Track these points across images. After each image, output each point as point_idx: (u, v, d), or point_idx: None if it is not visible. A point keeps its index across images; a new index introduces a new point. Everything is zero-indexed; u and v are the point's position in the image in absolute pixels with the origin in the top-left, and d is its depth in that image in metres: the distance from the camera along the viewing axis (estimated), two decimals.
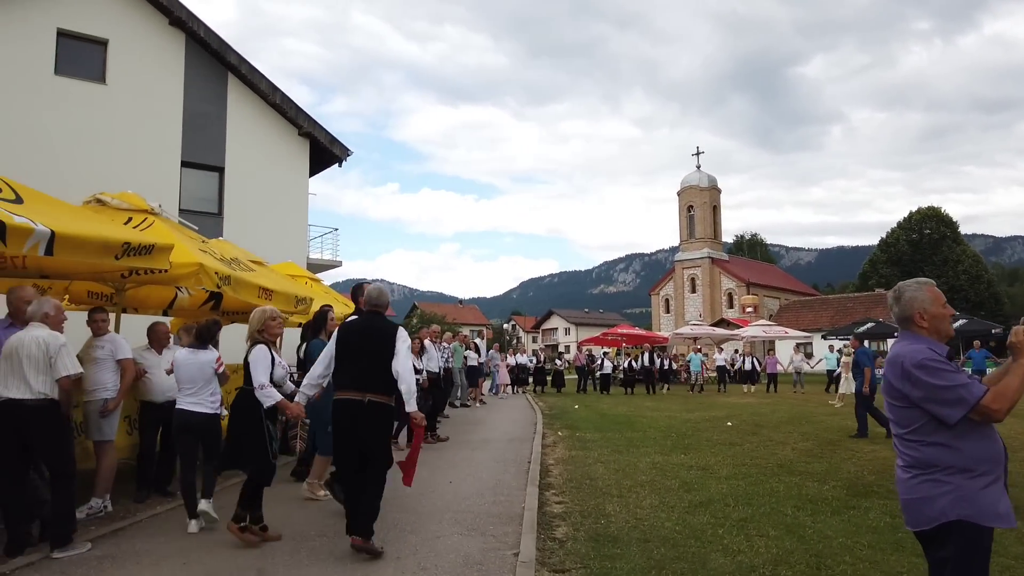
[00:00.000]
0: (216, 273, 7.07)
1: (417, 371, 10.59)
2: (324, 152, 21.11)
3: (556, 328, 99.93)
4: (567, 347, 72.93)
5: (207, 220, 18.13)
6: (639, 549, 5.14)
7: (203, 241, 8.55)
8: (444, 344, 15.06)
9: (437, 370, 11.42)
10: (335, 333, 5.30)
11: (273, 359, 5.23)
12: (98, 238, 5.54)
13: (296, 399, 5.29)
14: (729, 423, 13.80)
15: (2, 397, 4.55)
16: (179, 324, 11.19)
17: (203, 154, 19.19)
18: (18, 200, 5.31)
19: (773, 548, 5.18)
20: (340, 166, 21.68)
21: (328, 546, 5.16)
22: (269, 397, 5.09)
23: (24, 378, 4.53)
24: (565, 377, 28.85)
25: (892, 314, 3.07)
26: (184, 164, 18.88)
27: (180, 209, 18.28)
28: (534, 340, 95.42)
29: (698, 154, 64.33)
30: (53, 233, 4.76)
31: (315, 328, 7.47)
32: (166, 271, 6.61)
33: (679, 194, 64.49)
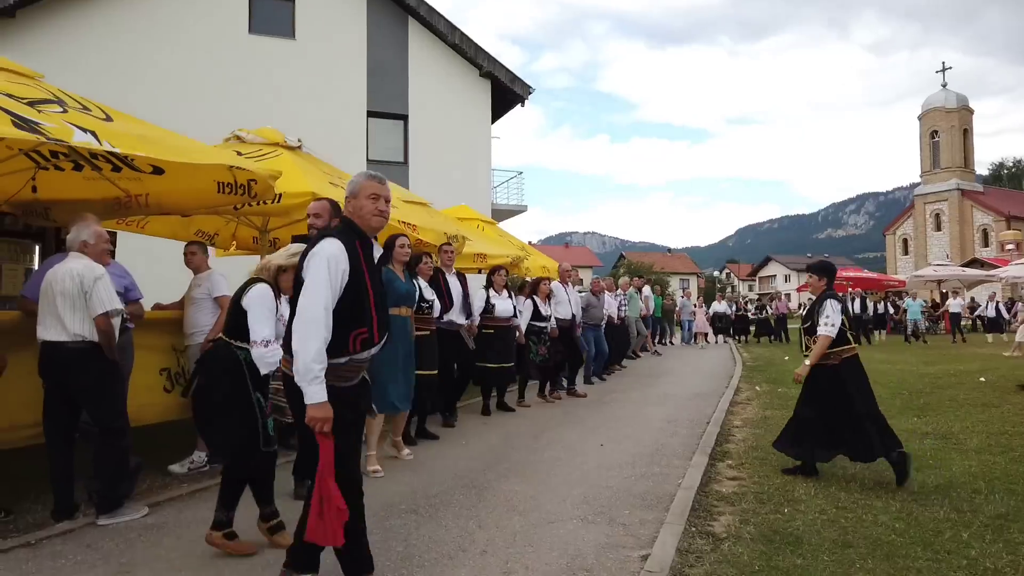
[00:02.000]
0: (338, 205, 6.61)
1: (544, 318, 9.17)
2: (506, 92, 20.25)
3: (774, 275, 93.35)
4: (788, 295, 67.89)
5: (394, 169, 18.07)
6: (832, 559, 3.55)
7: (339, 177, 8.03)
8: (619, 291, 13.66)
9: (569, 317, 9.66)
10: None
11: (277, 308, 3.73)
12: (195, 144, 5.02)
13: None
14: (982, 378, 11.12)
15: (41, 339, 3.99)
16: None
17: (387, 103, 19.12)
18: (108, 119, 4.85)
19: None
20: (523, 106, 20.74)
21: (416, 522, 4.16)
22: (270, 362, 3.57)
23: (59, 317, 3.93)
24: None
25: None
26: (370, 114, 18.93)
27: (368, 160, 18.44)
28: (750, 288, 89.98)
29: (943, 71, 55.20)
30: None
31: (384, 257, 6.59)
32: (276, 201, 6.13)
33: (920, 119, 56.10)
